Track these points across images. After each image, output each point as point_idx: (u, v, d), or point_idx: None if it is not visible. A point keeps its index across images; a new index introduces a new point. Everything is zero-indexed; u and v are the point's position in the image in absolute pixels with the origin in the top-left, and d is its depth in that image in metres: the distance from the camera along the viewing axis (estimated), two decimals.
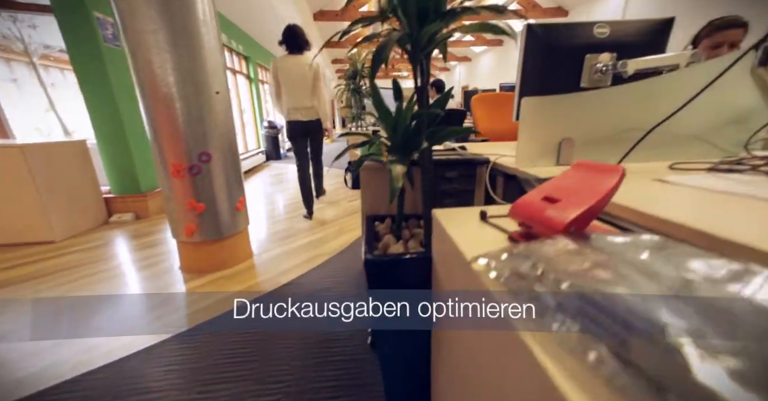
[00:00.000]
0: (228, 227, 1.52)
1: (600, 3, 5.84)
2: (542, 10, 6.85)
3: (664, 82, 0.77)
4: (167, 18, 1.21)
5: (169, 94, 1.28)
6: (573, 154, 0.78)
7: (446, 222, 0.56)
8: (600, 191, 0.37)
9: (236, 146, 1.57)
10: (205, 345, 1.06)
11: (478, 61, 11.69)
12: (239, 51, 4.90)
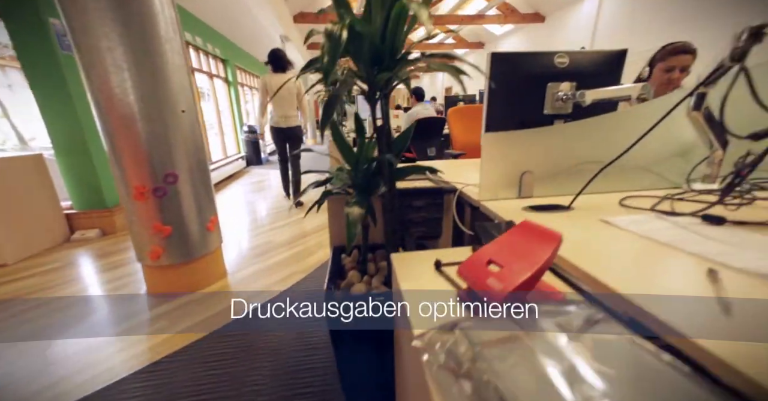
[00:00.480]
0: (198, 248, 1.47)
1: (574, 10, 6.04)
2: (521, 16, 7.02)
3: (616, 119, 0.80)
4: (126, 36, 1.15)
5: (130, 114, 1.22)
6: (534, 186, 0.80)
7: (401, 272, 0.56)
8: (537, 261, 0.38)
9: (206, 163, 1.52)
10: (168, 379, 1.02)
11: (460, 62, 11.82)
12: (216, 54, 4.75)
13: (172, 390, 0.99)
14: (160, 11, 1.23)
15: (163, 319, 1.28)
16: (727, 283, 0.38)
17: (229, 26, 4.86)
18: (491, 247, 0.44)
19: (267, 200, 3.44)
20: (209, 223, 1.51)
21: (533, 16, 6.96)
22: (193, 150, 1.42)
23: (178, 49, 1.32)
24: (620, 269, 0.45)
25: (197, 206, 1.45)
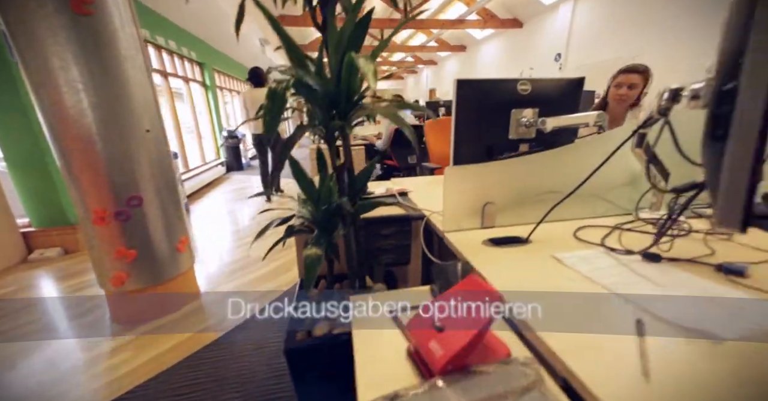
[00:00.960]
0: (167, 270, 1.42)
1: (550, 17, 6.23)
2: (500, 21, 7.17)
3: (573, 151, 0.83)
4: (81, 55, 1.10)
5: (87, 135, 1.16)
6: (496, 215, 0.82)
7: (359, 319, 0.56)
8: (477, 324, 0.39)
9: (175, 182, 1.47)
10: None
11: (443, 64, 12.00)
12: (192, 57, 4.60)
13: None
14: (120, 28, 1.18)
15: (128, 349, 1.22)
16: (651, 335, 0.41)
17: (207, 30, 4.72)
18: (439, 302, 0.45)
19: (247, 209, 3.36)
20: (179, 244, 1.46)
21: (512, 22, 7.13)
22: (160, 170, 1.37)
23: (140, 66, 1.27)
24: (559, 320, 0.46)
25: (166, 227, 1.40)
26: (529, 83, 1.02)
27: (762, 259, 0.59)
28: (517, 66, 7.48)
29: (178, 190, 1.49)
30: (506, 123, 1.04)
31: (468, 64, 10.04)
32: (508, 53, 7.85)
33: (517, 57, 7.48)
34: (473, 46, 9.55)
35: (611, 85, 1.46)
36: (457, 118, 1.04)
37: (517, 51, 7.45)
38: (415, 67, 13.94)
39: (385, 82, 17.25)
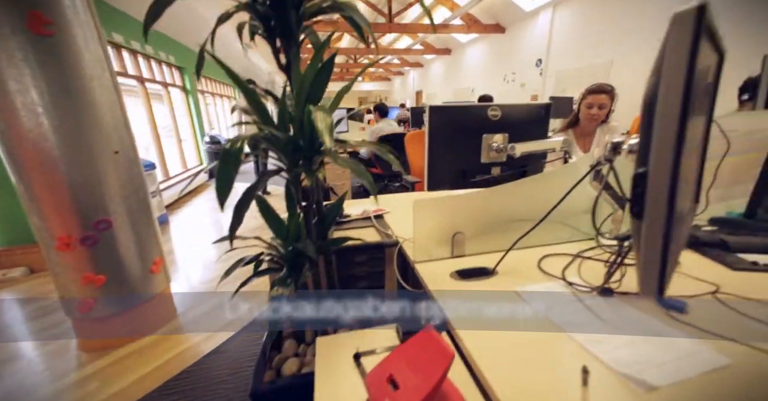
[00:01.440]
0: (139, 294, 1.37)
1: (531, 23, 6.38)
2: (483, 26, 7.30)
3: (538, 182, 0.86)
4: (40, 77, 1.05)
5: (49, 160, 1.12)
6: (466, 244, 0.84)
7: (322, 362, 0.56)
8: (431, 381, 0.40)
9: (149, 202, 1.43)
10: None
11: (429, 67, 12.11)
12: (171, 62, 4.47)
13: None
14: (84, 48, 1.13)
15: (96, 379, 1.18)
16: (593, 383, 0.43)
17: (187, 34, 4.59)
18: (395, 356, 0.46)
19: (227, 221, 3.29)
20: (153, 265, 1.42)
21: (494, 27, 7.27)
22: (131, 191, 1.33)
23: (108, 86, 1.23)
24: (510, 364, 0.48)
25: (138, 249, 1.36)
26: (499, 109, 1.05)
27: (704, 291, 0.63)
28: (500, 70, 7.63)
29: (152, 209, 1.44)
30: (478, 147, 1.07)
31: (453, 67, 10.17)
32: (492, 57, 7.99)
33: (500, 61, 7.63)
34: (458, 50, 9.68)
35: (582, 104, 1.51)
36: (430, 142, 1.06)
37: (501, 55, 7.60)
38: (401, 69, 14.00)
39: (372, 83, 17.25)
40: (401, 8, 7.05)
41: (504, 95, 7.57)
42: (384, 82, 17.30)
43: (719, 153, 0.86)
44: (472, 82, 9.04)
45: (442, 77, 11.17)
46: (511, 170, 1.11)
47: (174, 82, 4.71)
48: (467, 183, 1.11)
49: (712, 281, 0.66)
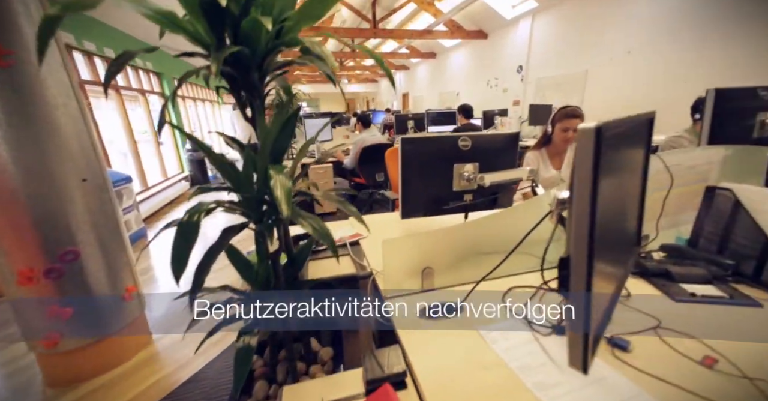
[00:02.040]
0: (111, 323, 1.34)
1: (512, 30, 6.53)
2: (466, 32, 7.42)
3: (505, 217, 0.90)
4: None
5: (9, 192, 1.07)
6: (435, 278, 0.87)
7: None
8: None
9: (120, 227, 1.39)
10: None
11: (415, 70, 12.22)
12: (148, 68, 4.34)
13: None
14: (48, 76, 1.10)
15: None
16: None
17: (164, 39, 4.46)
18: None
19: (211, 232, 3.23)
20: (126, 292, 1.38)
21: (477, 33, 7.41)
22: (102, 218, 1.29)
23: (75, 114, 1.19)
24: None
25: (109, 277, 1.32)
26: (469, 139, 1.09)
27: (647, 326, 0.67)
28: (484, 75, 7.77)
29: (124, 234, 1.40)
30: (451, 176, 1.10)
31: (438, 70, 10.30)
32: (476, 62, 8.14)
33: (483, 66, 7.78)
34: (443, 54, 9.81)
35: (557, 127, 1.58)
36: (404, 172, 1.08)
37: (484, 61, 7.75)
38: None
39: (359, 85, 17.24)
40: (385, 14, 7.09)
41: (487, 100, 7.72)
42: (371, 84, 17.31)
43: (666, 186, 0.92)
44: (457, 87, 9.18)
45: (427, 80, 11.28)
46: (483, 197, 1.15)
47: (152, 89, 4.58)
48: (441, 210, 1.14)
49: (655, 314, 0.71)
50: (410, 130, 4.50)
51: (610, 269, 0.53)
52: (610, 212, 0.49)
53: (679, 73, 3.77)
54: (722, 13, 3.26)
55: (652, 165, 0.91)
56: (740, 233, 0.81)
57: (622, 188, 0.60)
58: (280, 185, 0.49)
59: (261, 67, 0.59)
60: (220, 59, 0.46)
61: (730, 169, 0.98)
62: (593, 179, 0.30)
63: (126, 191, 2.70)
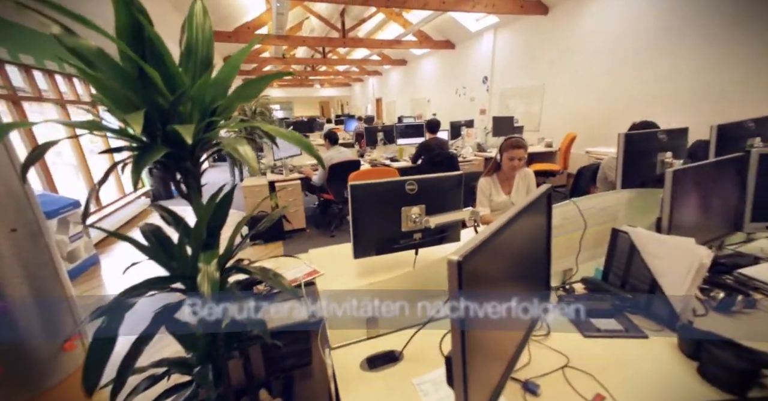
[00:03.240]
0: (48, 378, 1.26)
1: (477, 42, 6.82)
2: (434, 42, 7.65)
3: (439, 265, 0.97)
4: None
5: None
6: (379, 324, 0.93)
7: None
8: None
9: (61, 275, 1.32)
10: None
11: (387, 75, 12.38)
12: None
13: None
14: None
15: None
16: None
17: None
18: None
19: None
20: (67, 342, 1.31)
21: (445, 43, 7.66)
22: (36, 267, 1.22)
23: (3, 159, 1.13)
24: None
25: (46, 329, 1.25)
26: (415, 183, 1.16)
27: (558, 365, 0.77)
28: (453, 83, 8.05)
29: (65, 281, 1.33)
30: (399, 218, 1.17)
31: (409, 77, 10.51)
32: (444, 71, 8.41)
33: (452, 75, 8.05)
34: (413, 61, 10.03)
35: (504, 156, 1.71)
36: (354, 215, 1.13)
37: (452, 70, 8.03)
38: (361, 76, 14.10)
39: (332, 89, 17.14)
40: (355, 23, 7.13)
41: (456, 108, 8.01)
42: (344, 88, 17.27)
43: (582, 227, 1.05)
44: (428, 93, 9.42)
45: (399, 86, 11.47)
46: (431, 235, 1.23)
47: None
48: (392, 248, 1.21)
49: (566, 352, 0.81)
50: (380, 141, 4.58)
51: (505, 337, 0.61)
52: (506, 282, 0.57)
53: (623, 89, 4.16)
54: (663, 33, 3.64)
55: (569, 210, 1.04)
56: (636, 270, 0.95)
57: (525, 252, 0.69)
58: (208, 278, 0.52)
59: (193, 152, 0.62)
60: (147, 162, 0.48)
61: (634, 208, 1.13)
62: (463, 306, 0.37)
63: (73, 217, 2.53)
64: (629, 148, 1.32)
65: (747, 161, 1.05)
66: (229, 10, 5.16)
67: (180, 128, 0.48)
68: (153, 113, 0.55)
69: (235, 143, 0.54)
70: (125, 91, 0.51)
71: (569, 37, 4.77)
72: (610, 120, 4.34)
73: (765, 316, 0.88)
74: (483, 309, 0.45)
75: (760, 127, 1.54)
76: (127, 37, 0.51)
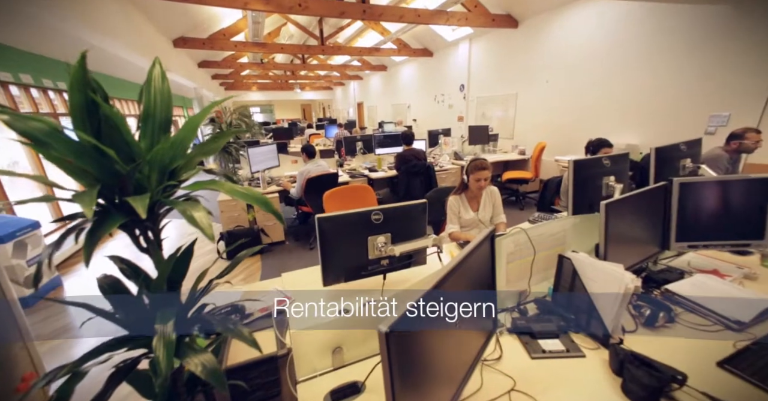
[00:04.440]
0: None
1: (453, 50, 7.00)
2: (412, 50, 7.79)
3: (409, 294, 1.04)
4: None
5: None
6: (345, 355, 0.98)
7: None
8: None
9: (13, 308, 1.27)
10: None
11: (368, 80, 12.46)
12: (60, 88, 3.87)
13: None
14: None
15: None
16: None
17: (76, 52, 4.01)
18: None
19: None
20: (21, 383, 1.26)
21: (423, 51, 7.82)
22: None
23: None
24: None
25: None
26: (381, 213, 1.22)
27: (505, 389, 0.85)
28: (431, 90, 8.23)
29: (19, 317, 1.29)
30: (366, 247, 1.22)
31: (390, 82, 10.64)
32: (423, 77, 8.58)
33: (431, 82, 8.23)
34: (393, 67, 10.16)
35: (470, 177, 1.81)
36: (322, 247, 1.17)
37: (431, 77, 8.21)
38: (342, 80, 14.10)
39: (314, 92, 17.01)
40: (333, 31, 7.16)
41: (435, 114, 8.19)
42: (326, 91, 17.19)
43: (532, 253, 1.14)
44: (408, 99, 9.57)
45: (380, 91, 11.58)
46: (398, 261, 1.29)
47: (66, 111, 4.08)
48: (360, 275, 1.26)
49: (514, 374, 0.89)
50: (359, 151, 4.63)
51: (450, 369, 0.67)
52: (448, 330, 0.63)
53: (585, 103, 4.44)
54: (619, 54, 3.92)
55: (520, 238, 1.13)
56: (579, 292, 1.05)
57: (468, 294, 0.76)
58: (164, 344, 0.55)
59: (152, 211, 0.65)
60: (102, 234, 0.51)
61: (580, 233, 1.24)
62: (391, 382, 0.43)
63: (32, 240, 2.41)
64: (578, 173, 1.45)
65: (670, 189, 1.19)
66: (204, 17, 5.05)
67: (133, 202, 0.51)
68: (110, 181, 0.58)
69: (191, 208, 0.57)
70: (80, 164, 0.53)
71: (538, 50, 5.03)
72: (576, 130, 4.61)
73: (683, 329, 1.00)
74: (422, 358, 0.51)
75: (690, 149, 1.72)
76: (81, 114, 0.54)
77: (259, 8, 3.45)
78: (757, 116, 2.84)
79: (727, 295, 1.08)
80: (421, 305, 0.50)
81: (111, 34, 3.00)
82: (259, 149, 3.47)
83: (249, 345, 0.63)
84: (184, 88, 7.53)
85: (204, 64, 7.48)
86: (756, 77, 2.83)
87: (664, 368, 0.78)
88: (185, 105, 10.30)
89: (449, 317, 0.67)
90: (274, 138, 6.84)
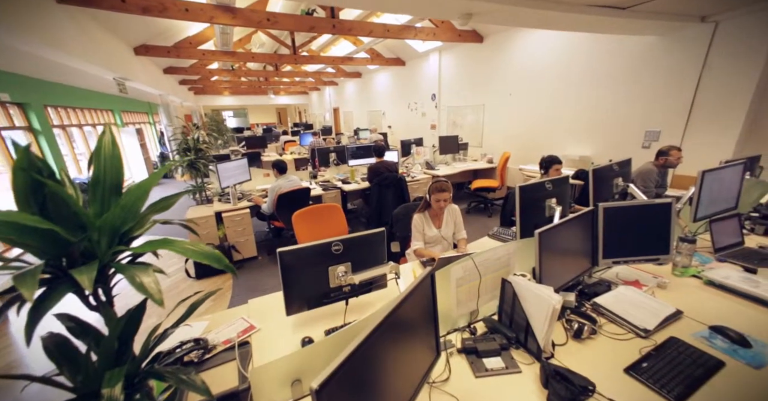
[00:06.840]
0: None
1: (424, 61, 7.22)
2: (385, 60, 7.94)
3: (366, 322, 1.11)
4: None
5: None
6: (304, 386, 1.03)
7: None
8: None
9: None
10: None
11: (343, 86, 12.50)
12: (5, 100, 3.60)
13: None
14: None
15: None
16: None
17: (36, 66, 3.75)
18: None
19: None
20: None
21: (395, 61, 7.99)
22: None
23: None
24: None
25: None
26: (341, 244, 1.29)
27: None
28: (405, 98, 8.42)
29: None
30: (327, 276, 1.29)
31: (364, 89, 10.74)
32: (397, 86, 8.75)
33: (404, 90, 8.42)
34: (367, 75, 10.27)
35: (432, 198, 1.93)
36: (284, 278, 1.22)
37: (404, 85, 8.40)
38: (318, 86, 14.03)
39: (289, 97, 16.78)
40: (306, 40, 7.15)
41: (409, 121, 8.38)
42: (302, 96, 17.01)
43: (478, 277, 1.25)
44: (383, 106, 9.72)
45: (356, 98, 11.65)
46: (360, 287, 1.36)
47: (12, 125, 3.80)
48: (323, 303, 1.32)
49: (458, 394, 0.98)
50: (332, 162, 4.68)
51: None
52: (388, 367, 0.70)
53: (544, 115, 4.76)
54: (575, 72, 4.25)
55: (468, 264, 1.24)
56: (518, 311, 1.17)
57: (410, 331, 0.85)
58: (109, 387, 0.58)
59: (103, 271, 0.68)
60: (46, 311, 0.54)
61: (522, 256, 1.37)
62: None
63: None
64: (524, 196, 1.59)
65: (597, 213, 1.36)
66: (169, 24, 4.89)
67: (79, 275, 0.55)
68: (57, 252, 0.61)
69: (141, 273, 0.61)
70: (24, 240, 0.56)
71: (501, 64, 5.33)
72: (537, 141, 4.93)
73: (604, 339, 1.15)
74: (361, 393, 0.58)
75: (622, 168, 1.94)
76: (25, 194, 0.57)
77: (226, 22, 3.42)
78: (680, 132, 3.21)
79: (640, 305, 1.25)
80: (353, 355, 0.57)
81: (64, 48, 2.86)
82: (230, 164, 3.41)
83: (202, 394, 0.68)
84: (150, 94, 7.20)
85: (170, 71, 7.19)
86: (677, 99, 3.21)
87: (579, 379, 0.91)
88: (150, 111, 9.82)
89: (388, 354, 0.75)
90: (248, 147, 6.71)
